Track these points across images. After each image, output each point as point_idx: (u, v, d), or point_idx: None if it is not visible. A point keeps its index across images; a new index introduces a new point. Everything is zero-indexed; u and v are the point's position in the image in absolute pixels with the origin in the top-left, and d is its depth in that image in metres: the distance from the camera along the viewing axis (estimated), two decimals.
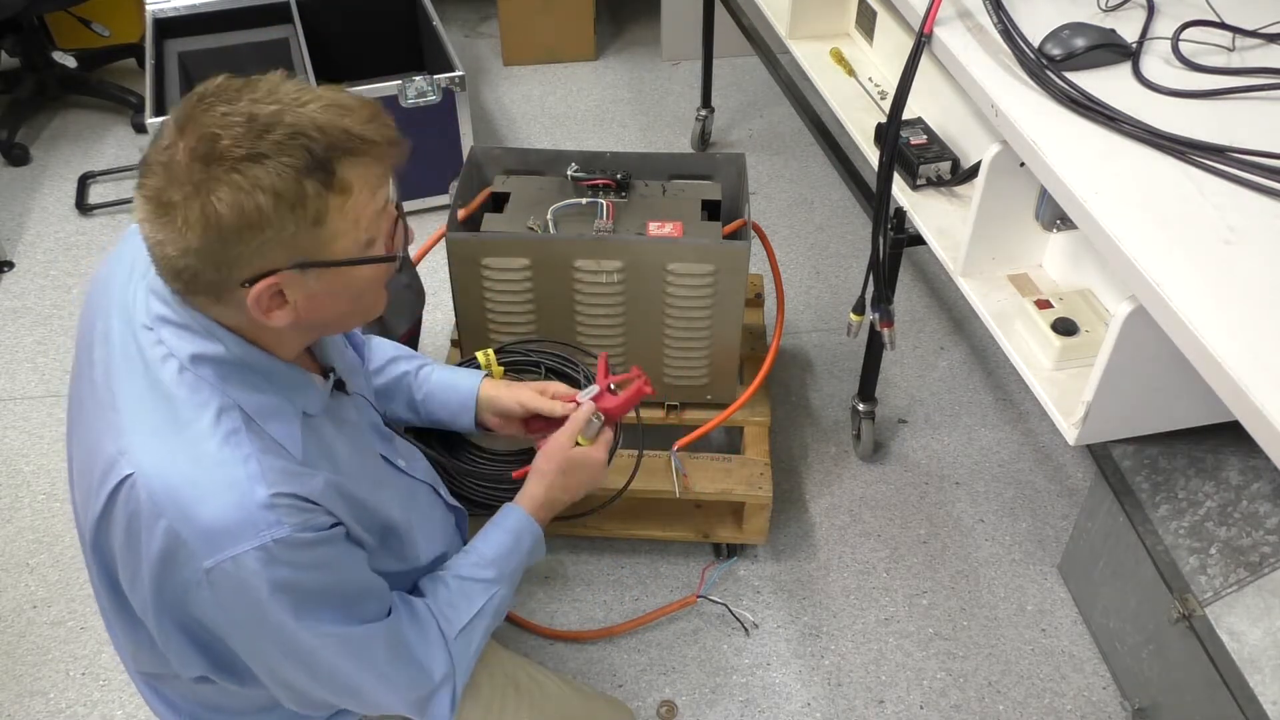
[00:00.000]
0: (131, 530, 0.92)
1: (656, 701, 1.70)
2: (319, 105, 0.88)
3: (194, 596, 0.93)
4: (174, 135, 0.86)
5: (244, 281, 0.89)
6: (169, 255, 0.88)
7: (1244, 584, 1.38)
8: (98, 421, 0.97)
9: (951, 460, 2.09)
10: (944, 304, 2.44)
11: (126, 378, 0.96)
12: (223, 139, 0.84)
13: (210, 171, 0.84)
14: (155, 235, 0.88)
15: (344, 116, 0.89)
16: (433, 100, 2.52)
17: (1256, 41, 1.45)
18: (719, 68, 2.89)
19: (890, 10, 1.85)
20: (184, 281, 0.90)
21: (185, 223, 0.85)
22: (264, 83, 0.89)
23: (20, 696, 1.72)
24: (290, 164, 0.85)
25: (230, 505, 0.90)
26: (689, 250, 1.68)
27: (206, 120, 0.85)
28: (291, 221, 0.87)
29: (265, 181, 0.84)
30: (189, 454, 0.92)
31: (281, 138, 0.85)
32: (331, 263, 0.92)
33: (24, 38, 2.99)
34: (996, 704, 1.70)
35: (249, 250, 0.87)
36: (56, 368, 2.32)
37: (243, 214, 0.85)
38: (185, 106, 0.88)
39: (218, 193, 0.84)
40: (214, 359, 0.95)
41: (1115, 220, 1.19)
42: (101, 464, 0.94)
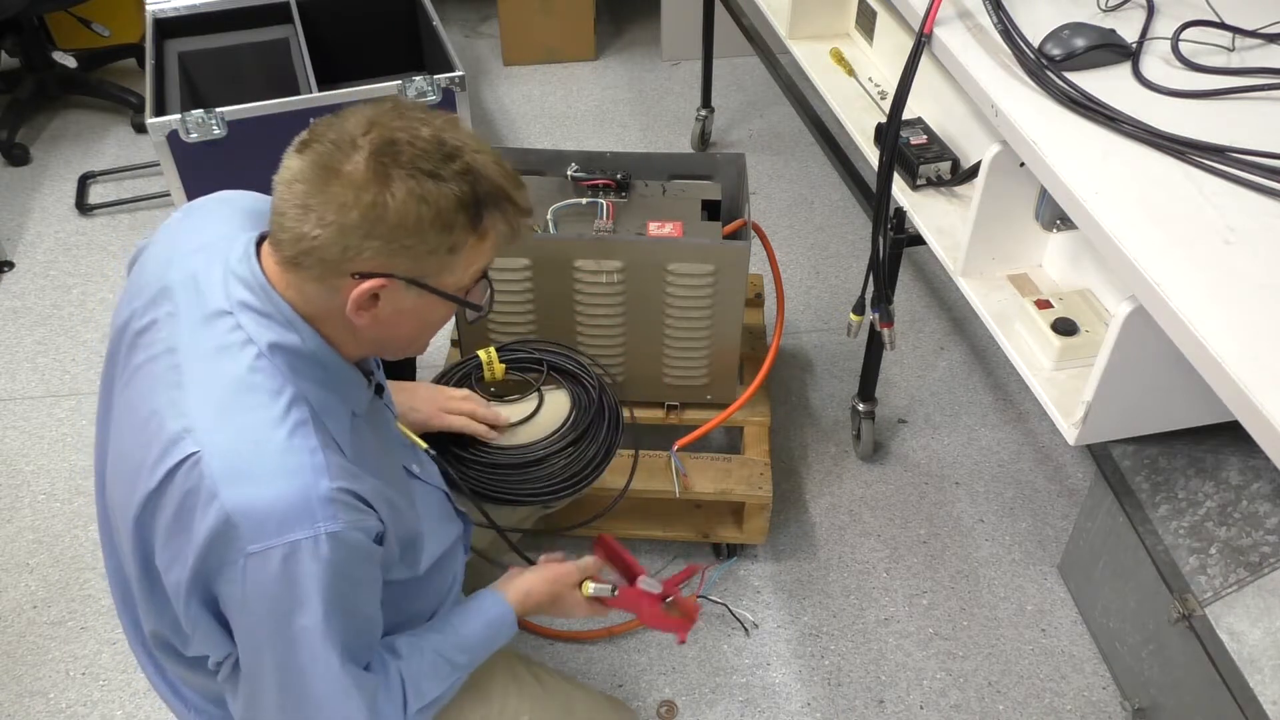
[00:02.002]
0: (185, 507, 0.93)
1: (656, 701, 1.70)
2: (492, 159, 0.97)
3: (226, 578, 0.94)
4: (362, 127, 0.93)
5: (357, 273, 0.94)
6: (305, 220, 0.92)
7: (1244, 584, 1.38)
8: (157, 395, 0.98)
9: (951, 460, 2.09)
10: (944, 304, 2.44)
11: (196, 360, 0.97)
12: (411, 147, 0.92)
13: (393, 168, 0.91)
14: (304, 199, 0.92)
15: (507, 179, 0.97)
16: (433, 100, 2.52)
17: (1256, 41, 1.45)
18: (719, 68, 2.89)
19: (890, 10, 1.85)
20: (300, 250, 0.93)
21: (354, 199, 0.90)
22: (451, 118, 0.98)
23: (20, 696, 1.72)
24: (457, 193, 0.93)
25: (293, 492, 0.92)
26: (689, 250, 1.68)
27: (398, 126, 0.93)
28: (435, 240, 0.94)
29: (433, 196, 0.92)
30: (258, 437, 0.94)
31: (459, 169, 0.93)
32: (436, 290, 0.98)
33: (24, 38, 2.99)
34: (996, 704, 1.70)
35: (386, 247, 0.92)
36: (56, 368, 2.32)
37: (405, 215, 0.91)
38: (378, 109, 0.95)
39: (394, 188, 0.91)
40: (290, 349, 0.98)
41: (1115, 220, 1.19)
42: (162, 440, 0.95)
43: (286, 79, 2.72)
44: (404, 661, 1.11)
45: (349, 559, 0.95)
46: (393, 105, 0.96)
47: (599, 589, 1.31)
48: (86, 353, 2.35)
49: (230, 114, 2.40)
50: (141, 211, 2.76)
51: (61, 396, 2.25)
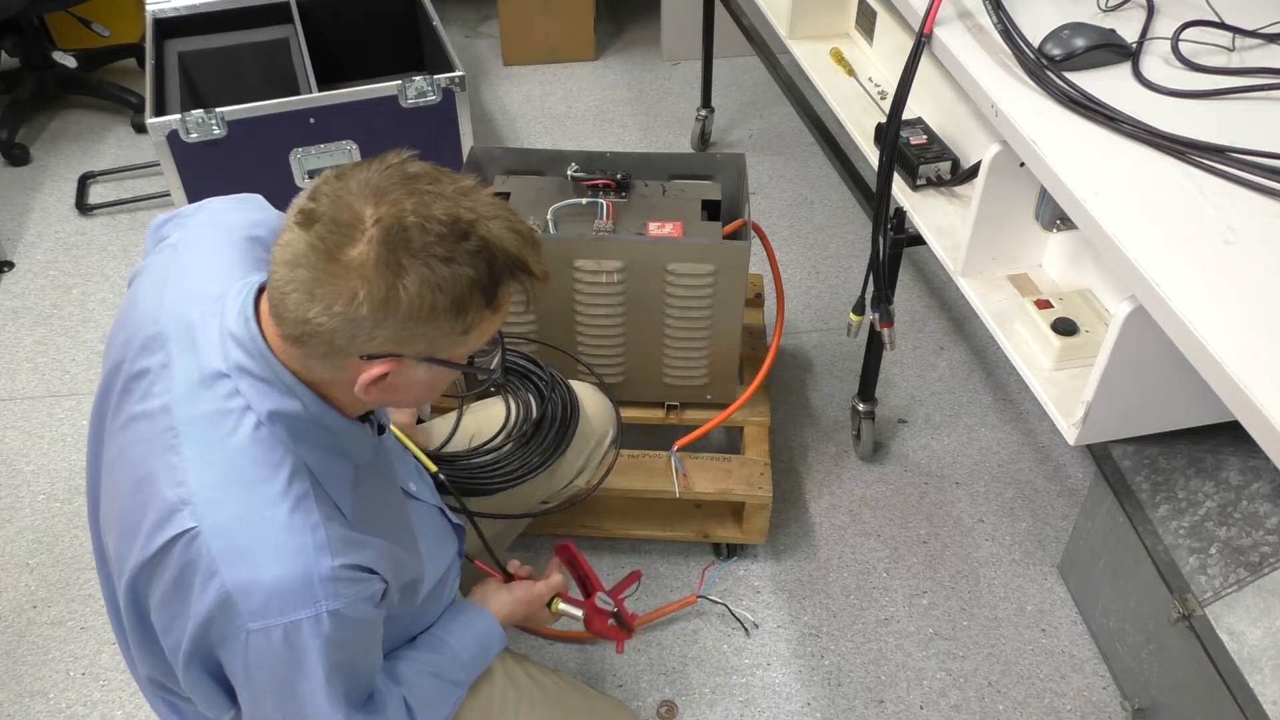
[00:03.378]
0: (182, 582, 0.92)
1: (656, 701, 1.70)
2: (506, 226, 0.91)
3: (228, 650, 0.94)
4: (368, 201, 0.87)
5: (366, 355, 0.90)
6: (309, 307, 0.87)
7: (1244, 584, 1.38)
8: (153, 458, 0.95)
9: (951, 460, 2.09)
10: (944, 304, 2.44)
11: (194, 425, 0.94)
12: (423, 231, 0.86)
13: (405, 257, 0.85)
14: (309, 287, 0.87)
15: (523, 246, 0.92)
16: (433, 100, 2.52)
17: (1256, 41, 1.45)
18: (719, 68, 2.89)
19: (890, 10, 1.85)
20: (304, 332, 0.89)
21: (366, 293, 0.86)
22: (462, 182, 0.92)
23: (20, 696, 1.72)
24: (471, 275, 0.88)
25: (295, 573, 0.91)
26: (689, 250, 1.68)
27: (408, 204, 0.87)
28: (449, 324, 0.89)
29: (448, 284, 0.87)
30: (258, 517, 0.92)
31: (474, 248, 0.88)
32: (449, 363, 0.94)
33: (24, 38, 2.99)
34: (996, 704, 1.70)
35: (400, 334, 0.89)
36: (56, 368, 2.32)
37: (419, 305, 0.87)
38: (384, 175, 0.89)
39: (407, 280, 0.86)
40: (291, 416, 0.95)
41: (1115, 220, 1.19)
42: (157, 507, 0.93)
43: (286, 79, 2.72)
44: (409, 688, 1.12)
45: (351, 631, 0.95)
46: (401, 176, 0.89)
47: (569, 610, 1.38)
48: (86, 353, 2.35)
49: (230, 114, 2.40)
50: (141, 211, 2.76)
51: (61, 396, 2.25)
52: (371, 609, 0.98)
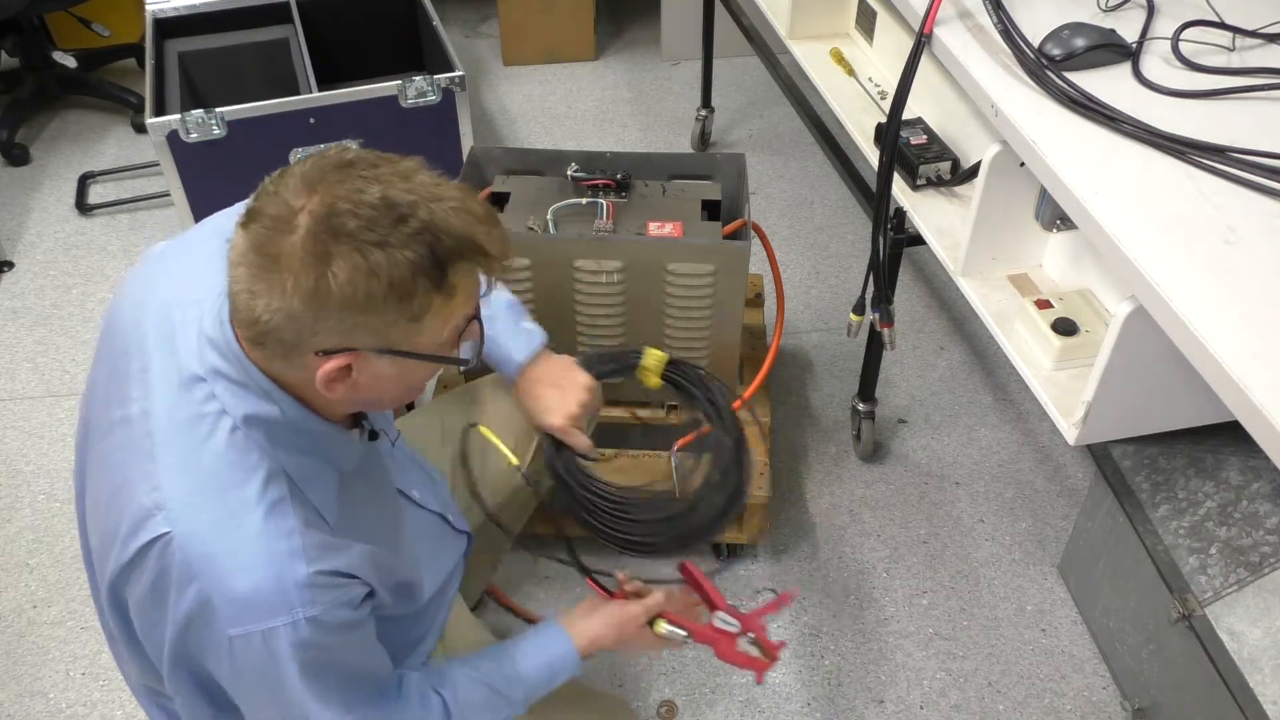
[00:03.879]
0: (159, 587, 0.92)
1: (656, 701, 1.70)
2: (452, 205, 0.87)
3: (212, 655, 0.94)
4: (301, 193, 0.85)
5: (320, 351, 0.88)
6: (254, 305, 0.86)
7: (1244, 584, 1.38)
8: (130, 465, 0.95)
9: (951, 460, 2.09)
10: (944, 304, 2.44)
11: (170, 430, 0.94)
12: (354, 216, 0.83)
13: (333, 245, 0.83)
14: (249, 284, 0.86)
15: (474, 225, 0.88)
16: (433, 100, 2.52)
17: (1256, 41, 1.45)
18: (719, 68, 2.89)
19: (890, 10, 1.85)
20: (257, 332, 0.88)
21: (293, 285, 0.84)
22: (403, 164, 0.89)
23: (20, 696, 1.72)
24: (411, 259, 0.85)
25: (269, 580, 0.90)
26: (689, 250, 1.68)
27: (340, 191, 0.84)
28: (394, 311, 0.87)
29: (383, 269, 0.84)
30: (232, 522, 0.91)
31: (413, 230, 0.85)
32: (411, 354, 0.91)
33: (24, 38, 2.99)
34: (996, 704, 1.70)
35: (341, 325, 0.87)
36: (56, 368, 2.32)
37: (353, 294, 0.84)
38: (319, 166, 0.87)
39: (335, 267, 0.83)
40: (268, 421, 0.93)
41: (1115, 220, 1.19)
42: (133, 512, 0.93)
43: (286, 79, 2.72)
44: (454, 691, 1.12)
45: (331, 635, 0.94)
46: (337, 161, 0.87)
47: (673, 631, 1.28)
48: (86, 353, 2.35)
49: (230, 114, 2.40)
50: (141, 211, 2.76)
51: (61, 396, 2.25)
52: (350, 613, 0.97)
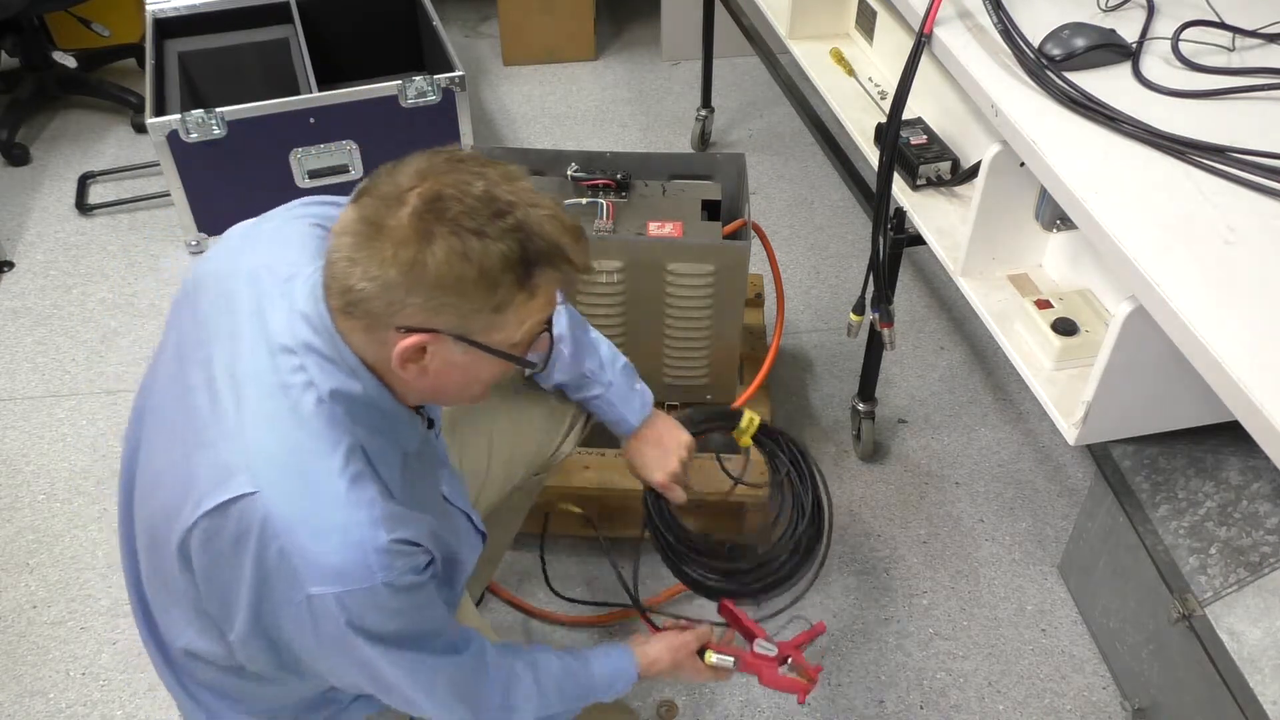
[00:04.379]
0: (240, 543, 0.95)
1: (656, 701, 1.70)
2: (547, 213, 0.94)
3: (288, 614, 0.97)
4: (412, 180, 0.92)
5: (401, 327, 0.93)
6: (352, 273, 0.92)
7: (1244, 584, 1.38)
8: (213, 423, 0.98)
9: (951, 460, 2.09)
10: (944, 304, 2.44)
11: (259, 395, 0.97)
12: (458, 203, 0.90)
13: (435, 225, 0.90)
14: (351, 251, 0.92)
15: (564, 234, 0.95)
16: (433, 100, 2.52)
17: (1256, 41, 1.45)
18: (719, 68, 2.89)
19: (890, 10, 1.85)
20: (348, 301, 0.94)
21: (393, 255, 0.90)
22: (510, 169, 0.96)
23: (20, 696, 1.72)
24: (503, 251, 0.91)
25: (350, 545, 0.94)
26: (689, 250, 1.68)
27: (449, 179, 0.92)
28: (479, 299, 0.92)
29: (476, 256, 0.90)
30: (317, 488, 0.95)
31: (509, 226, 0.91)
32: (484, 346, 0.97)
33: (24, 38, 2.98)
34: (996, 704, 1.70)
35: (429, 303, 0.92)
36: (56, 368, 2.32)
37: (446, 274, 0.90)
38: (433, 159, 0.94)
39: (434, 245, 0.89)
40: (350, 397, 0.98)
41: (1115, 220, 1.19)
42: (214, 469, 0.96)
43: (286, 79, 2.72)
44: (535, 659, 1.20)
45: (406, 598, 0.99)
46: (449, 156, 0.95)
47: (721, 659, 1.37)
48: (86, 353, 2.35)
49: (230, 114, 2.40)
50: (141, 211, 2.76)
51: (61, 396, 2.25)
52: (417, 577, 1.01)
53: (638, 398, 1.47)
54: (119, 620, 1.82)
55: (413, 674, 1.05)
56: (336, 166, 2.54)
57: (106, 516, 1.99)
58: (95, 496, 2.03)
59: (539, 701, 1.19)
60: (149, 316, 2.44)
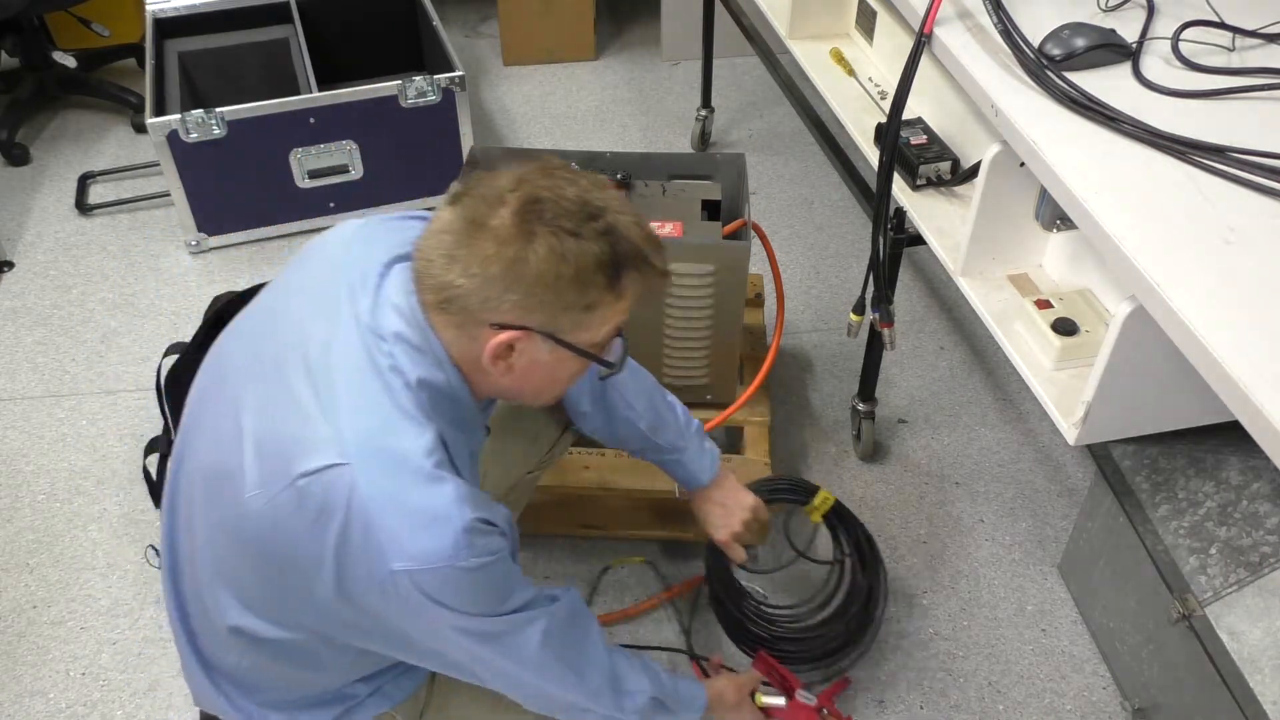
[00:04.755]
0: (323, 514, 0.98)
1: None
2: (634, 220, 1.02)
3: (370, 588, 0.99)
4: (510, 184, 0.98)
5: (495, 324, 0.99)
6: (451, 269, 0.97)
7: (1244, 584, 1.38)
8: (305, 393, 1.01)
9: (951, 460, 2.09)
10: (944, 304, 2.44)
11: (355, 372, 1.01)
12: (555, 206, 0.97)
13: (536, 225, 0.96)
14: (451, 249, 0.97)
15: (646, 241, 1.03)
16: (433, 100, 2.52)
17: (1256, 41, 1.45)
18: (719, 68, 2.89)
19: (890, 10, 1.85)
20: (444, 297, 0.99)
21: (497, 253, 0.95)
22: (599, 178, 1.04)
23: (20, 696, 1.72)
24: (597, 252, 0.97)
25: (435, 523, 0.98)
26: (689, 250, 1.68)
27: (545, 185, 0.98)
28: (572, 296, 0.98)
29: (573, 255, 0.96)
30: (406, 467, 0.98)
31: (601, 229, 0.98)
32: (571, 345, 1.03)
33: (24, 38, 2.98)
34: (996, 704, 1.70)
35: (525, 301, 0.97)
36: (56, 368, 2.32)
37: (546, 271, 0.96)
38: (527, 169, 1.00)
39: (536, 244, 0.95)
40: (435, 387, 1.02)
41: (1115, 220, 1.19)
42: (304, 438, 0.99)
43: (286, 79, 2.72)
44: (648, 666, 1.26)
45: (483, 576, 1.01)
46: (541, 165, 1.00)
47: (772, 701, 1.47)
48: (86, 353, 2.35)
49: (230, 114, 2.41)
50: (141, 211, 2.76)
51: (61, 396, 2.25)
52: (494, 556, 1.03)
53: (707, 457, 1.53)
54: (119, 620, 1.82)
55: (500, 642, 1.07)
56: (336, 166, 2.54)
57: (106, 516, 1.99)
58: (95, 496, 2.03)
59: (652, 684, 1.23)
60: (149, 316, 2.44)
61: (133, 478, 2.04)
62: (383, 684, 1.24)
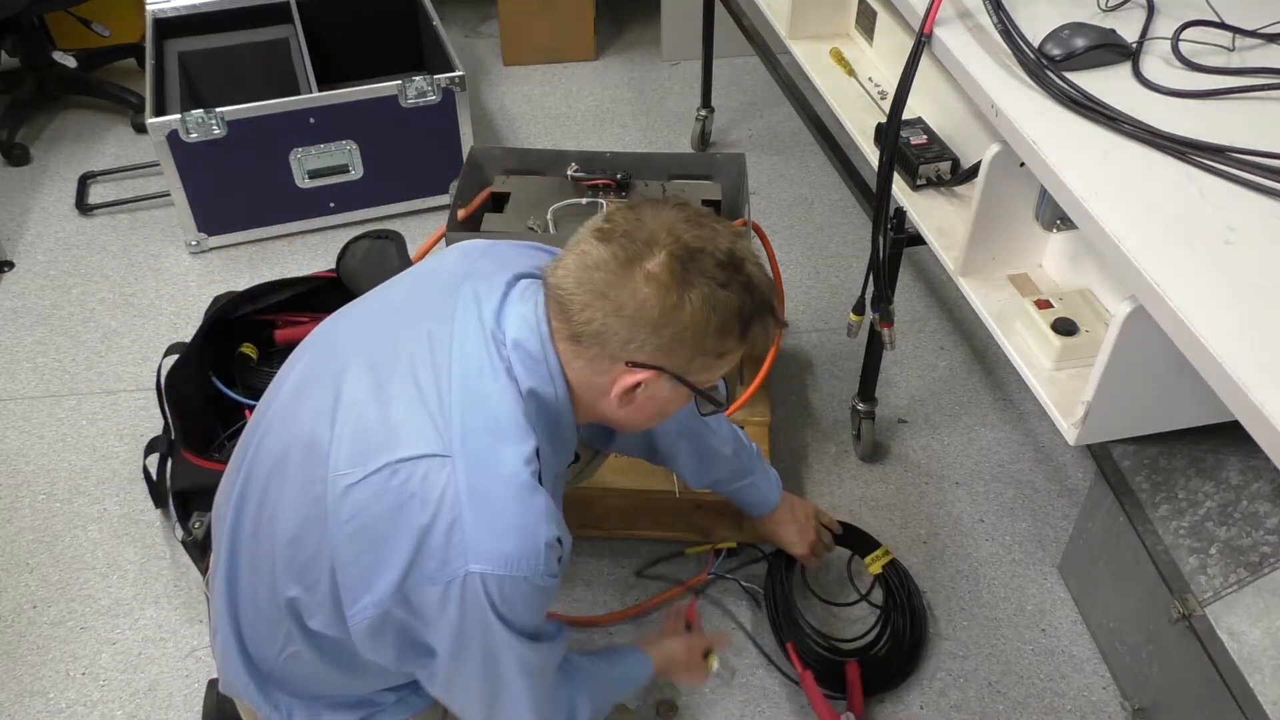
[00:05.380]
0: (410, 503, 0.98)
1: (656, 701, 1.70)
2: (764, 272, 1.05)
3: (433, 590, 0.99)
4: (663, 227, 1.00)
5: (631, 362, 1.01)
6: (598, 305, 0.99)
7: (1244, 584, 1.38)
8: (422, 382, 1.03)
9: (951, 460, 2.09)
10: (944, 304, 2.44)
11: (473, 370, 1.03)
12: (711, 258, 0.99)
13: (694, 276, 0.98)
14: (601, 287, 0.99)
15: (773, 292, 1.06)
16: (433, 100, 2.52)
17: (1256, 41, 1.45)
18: (719, 68, 2.89)
19: (890, 10, 1.85)
20: (586, 331, 1.01)
21: (656, 298, 0.97)
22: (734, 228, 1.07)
23: (20, 696, 1.72)
24: (738, 304, 1.01)
25: (523, 533, 0.98)
26: None
27: (699, 234, 1.00)
28: (711, 344, 1.01)
29: (722, 305, 1.00)
30: (504, 471, 0.99)
31: (745, 281, 1.01)
32: (692, 385, 1.05)
33: (24, 38, 2.99)
34: (996, 704, 1.70)
35: (668, 345, 1.00)
36: (56, 368, 2.32)
37: (696, 319, 0.99)
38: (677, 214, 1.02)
39: (693, 294, 0.98)
40: (544, 401, 1.04)
41: (1115, 220, 1.19)
42: (410, 425, 1.01)
43: (286, 79, 2.72)
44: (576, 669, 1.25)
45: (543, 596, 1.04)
46: (687, 213, 1.02)
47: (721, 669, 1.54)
48: (86, 353, 2.35)
49: (230, 114, 2.41)
50: (141, 211, 2.76)
51: (61, 396, 2.25)
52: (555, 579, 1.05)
53: (772, 479, 1.57)
54: (119, 620, 1.82)
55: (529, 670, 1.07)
56: (336, 166, 2.54)
57: (106, 516, 1.99)
58: (95, 496, 2.03)
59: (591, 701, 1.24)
60: (149, 316, 2.44)
61: (133, 478, 2.04)
62: (406, 694, 1.24)
